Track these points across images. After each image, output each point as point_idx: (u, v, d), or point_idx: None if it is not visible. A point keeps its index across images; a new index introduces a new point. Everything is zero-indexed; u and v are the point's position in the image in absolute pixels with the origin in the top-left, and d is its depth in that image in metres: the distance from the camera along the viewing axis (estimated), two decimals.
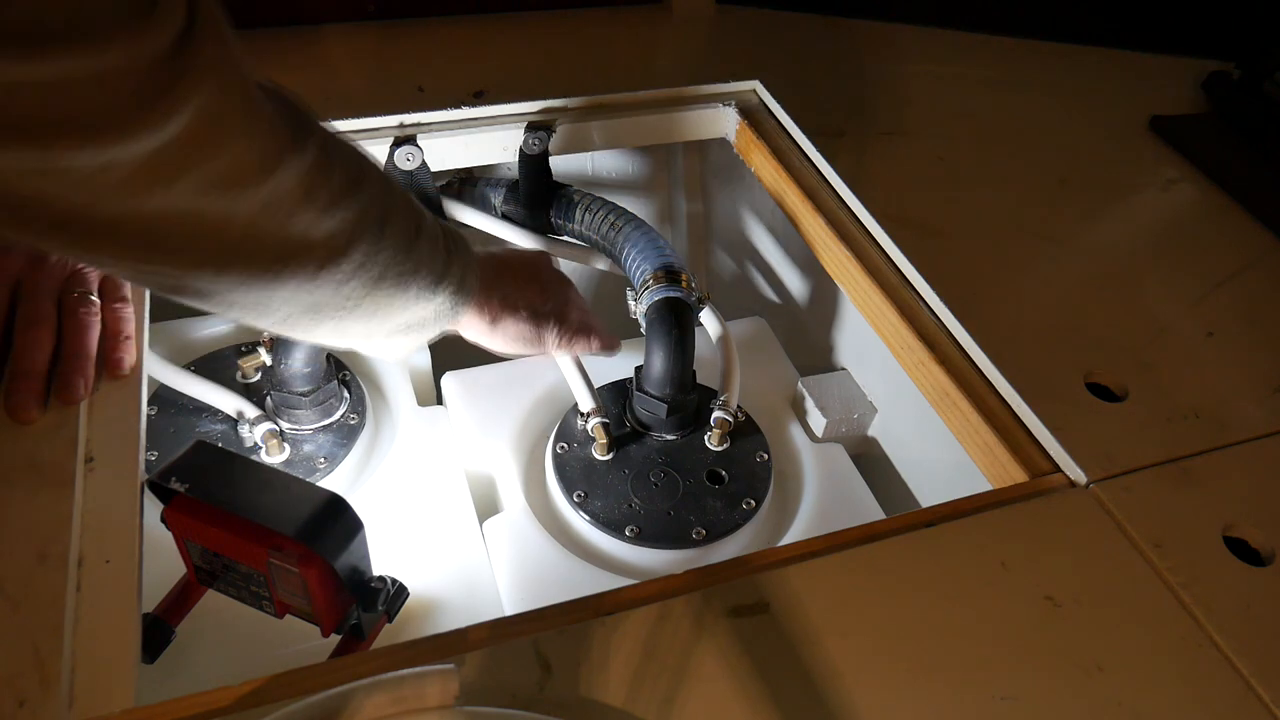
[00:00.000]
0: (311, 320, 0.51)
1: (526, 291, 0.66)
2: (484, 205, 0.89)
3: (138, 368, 0.59)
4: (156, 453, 0.72)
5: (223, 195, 0.42)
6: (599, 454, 0.76)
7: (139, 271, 0.44)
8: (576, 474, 0.75)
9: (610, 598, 0.50)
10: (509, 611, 0.69)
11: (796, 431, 0.85)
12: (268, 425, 0.74)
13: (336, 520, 0.53)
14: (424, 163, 0.82)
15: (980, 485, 0.64)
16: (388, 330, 0.56)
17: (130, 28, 0.35)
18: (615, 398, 0.81)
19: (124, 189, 0.38)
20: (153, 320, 0.67)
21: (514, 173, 0.88)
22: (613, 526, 0.72)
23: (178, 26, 0.37)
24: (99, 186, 0.38)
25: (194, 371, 0.76)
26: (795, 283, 1.07)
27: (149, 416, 0.71)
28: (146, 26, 0.36)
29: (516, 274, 0.66)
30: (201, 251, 0.44)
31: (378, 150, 0.80)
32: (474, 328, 0.63)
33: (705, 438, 0.78)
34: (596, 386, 0.78)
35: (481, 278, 0.61)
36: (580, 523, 0.74)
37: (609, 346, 0.73)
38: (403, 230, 0.52)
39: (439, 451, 0.80)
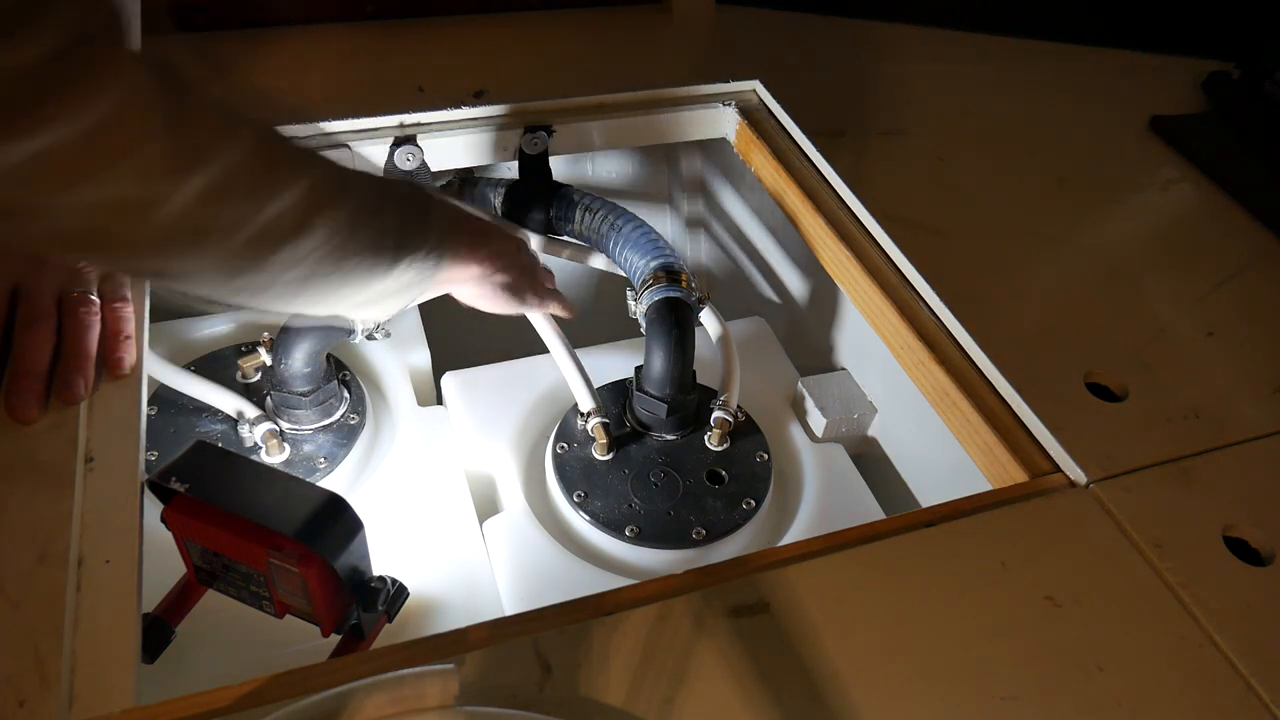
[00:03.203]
0: (287, 294, 0.52)
1: (508, 250, 0.68)
2: (484, 205, 0.89)
3: (138, 368, 0.59)
4: (156, 453, 0.72)
5: (156, 187, 0.42)
6: (599, 454, 0.76)
7: (99, 261, 0.45)
8: (576, 474, 0.75)
9: (610, 598, 0.50)
10: (509, 611, 0.69)
11: (796, 431, 0.85)
12: (268, 425, 0.74)
13: (336, 520, 0.53)
14: (424, 163, 0.82)
15: (980, 485, 0.64)
16: (365, 299, 0.56)
17: (19, 31, 0.35)
18: (615, 398, 0.81)
19: (47, 183, 0.39)
20: (153, 320, 0.67)
21: (514, 173, 0.88)
22: (613, 526, 0.72)
23: (65, 32, 0.37)
24: (19, 180, 0.38)
25: (194, 371, 0.76)
26: (795, 283, 1.07)
27: (149, 416, 0.71)
28: (29, 33, 0.36)
29: (503, 242, 0.68)
30: (147, 244, 0.44)
31: (378, 150, 0.80)
32: (458, 281, 0.65)
33: (705, 438, 0.78)
34: (596, 386, 0.78)
35: (466, 238, 0.62)
36: (580, 523, 0.74)
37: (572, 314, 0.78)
38: (360, 211, 0.52)
39: (439, 451, 0.80)
